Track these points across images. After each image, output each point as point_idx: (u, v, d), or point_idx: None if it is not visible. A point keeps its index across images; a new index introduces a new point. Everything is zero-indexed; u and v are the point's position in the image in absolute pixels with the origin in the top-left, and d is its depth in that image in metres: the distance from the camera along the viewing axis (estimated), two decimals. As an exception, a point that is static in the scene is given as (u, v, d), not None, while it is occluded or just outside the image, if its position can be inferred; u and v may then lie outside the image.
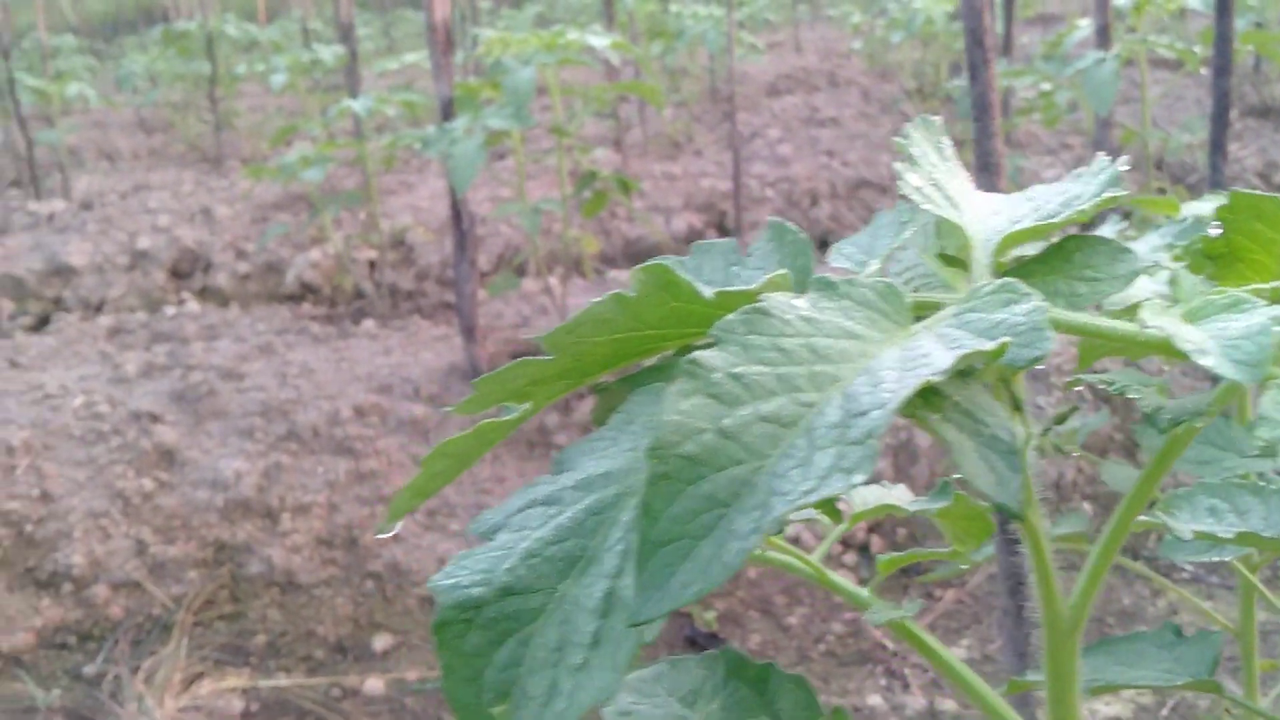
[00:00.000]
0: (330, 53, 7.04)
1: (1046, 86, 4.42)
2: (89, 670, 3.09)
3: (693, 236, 6.17)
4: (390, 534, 1.90)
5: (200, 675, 3.00)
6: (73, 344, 4.30)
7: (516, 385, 0.62)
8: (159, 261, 5.61)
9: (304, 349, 4.13)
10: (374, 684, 2.97)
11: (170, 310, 4.78)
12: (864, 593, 0.79)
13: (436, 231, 5.46)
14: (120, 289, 5.50)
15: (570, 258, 3.89)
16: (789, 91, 9.55)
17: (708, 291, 0.56)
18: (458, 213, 3.58)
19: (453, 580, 0.55)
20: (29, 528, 3.34)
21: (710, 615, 3.11)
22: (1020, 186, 0.77)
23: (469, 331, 3.66)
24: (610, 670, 0.50)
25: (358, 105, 4.23)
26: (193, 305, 4.88)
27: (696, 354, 0.50)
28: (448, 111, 3.48)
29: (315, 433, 3.57)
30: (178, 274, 5.67)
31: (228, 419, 3.64)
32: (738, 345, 0.51)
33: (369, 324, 4.41)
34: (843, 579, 0.77)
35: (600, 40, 3.71)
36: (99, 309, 5.44)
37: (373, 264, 5.61)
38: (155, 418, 3.61)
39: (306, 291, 5.52)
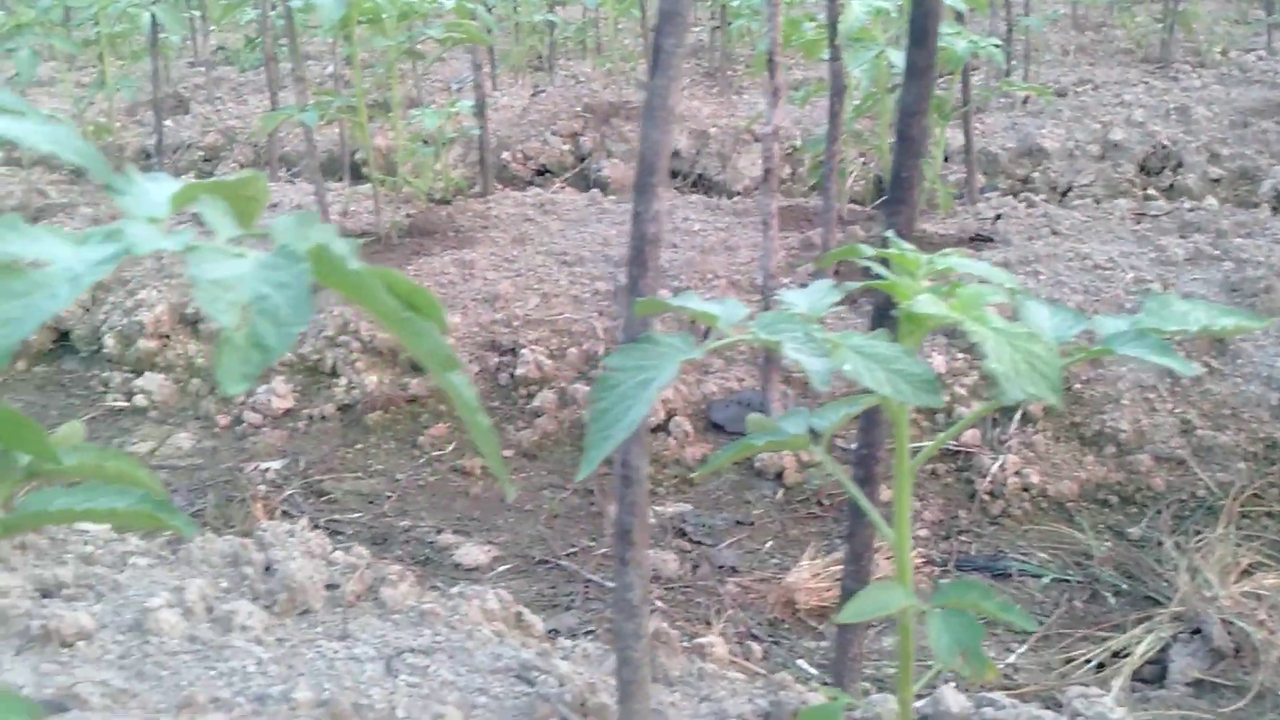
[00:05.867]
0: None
1: None
2: (1132, 531, 3.21)
3: None
4: None
5: (1257, 565, 2.98)
6: (1098, 221, 4.45)
7: None
8: (1130, 154, 5.63)
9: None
10: None
11: (1187, 203, 4.76)
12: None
13: None
14: (1088, 177, 5.61)
15: None
16: None
17: None
18: None
19: None
20: (1077, 386, 3.53)
21: None
22: None
23: None
24: None
25: None
26: (1212, 200, 4.82)
27: None
28: None
29: (1387, 350, 3.35)
30: (1146, 170, 5.65)
31: (1284, 317, 3.54)
32: None
33: None
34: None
35: None
36: (1064, 193, 5.60)
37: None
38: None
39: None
